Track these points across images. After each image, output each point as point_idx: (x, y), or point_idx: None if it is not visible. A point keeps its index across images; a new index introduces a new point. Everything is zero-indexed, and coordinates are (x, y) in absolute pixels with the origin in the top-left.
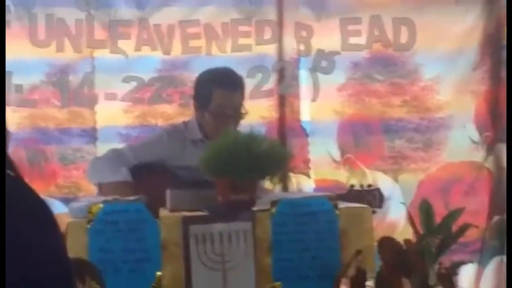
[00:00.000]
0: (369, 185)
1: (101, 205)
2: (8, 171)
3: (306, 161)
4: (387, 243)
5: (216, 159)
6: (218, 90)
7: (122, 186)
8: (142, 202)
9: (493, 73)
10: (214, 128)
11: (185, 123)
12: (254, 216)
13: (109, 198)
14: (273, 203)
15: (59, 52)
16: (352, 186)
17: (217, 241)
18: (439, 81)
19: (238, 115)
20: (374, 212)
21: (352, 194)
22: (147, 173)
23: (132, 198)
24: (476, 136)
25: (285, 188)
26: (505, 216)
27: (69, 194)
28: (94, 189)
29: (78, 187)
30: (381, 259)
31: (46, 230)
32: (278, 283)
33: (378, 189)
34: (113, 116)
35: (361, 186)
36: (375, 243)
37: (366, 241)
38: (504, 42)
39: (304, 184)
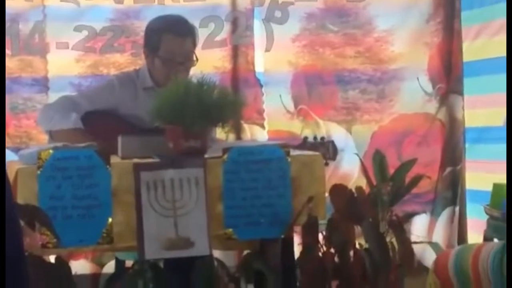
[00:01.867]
0: (322, 138)
1: (51, 151)
2: None
3: (260, 112)
4: (338, 190)
5: (167, 107)
6: (168, 35)
7: (73, 133)
8: (93, 148)
9: (447, 24)
10: (164, 74)
11: (136, 71)
12: (205, 163)
13: (59, 144)
14: (225, 150)
15: (10, 0)
16: (305, 138)
17: (169, 188)
18: (392, 32)
19: (188, 62)
20: (327, 164)
21: (305, 146)
22: (98, 121)
23: (82, 144)
24: (429, 87)
25: (238, 139)
26: (457, 167)
27: (20, 144)
28: (45, 138)
29: (29, 137)
30: (333, 206)
31: None
32: (230, 229)
33: (331, 141)
34: (65, 65)
35: (315, 138)
36: (327, 191)
37: (318, 188)
38: None
39: (258, 135)
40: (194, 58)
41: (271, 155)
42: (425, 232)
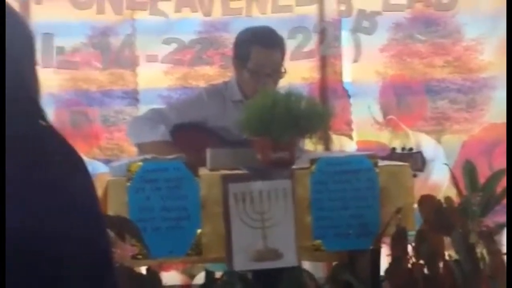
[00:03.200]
0: (411, 148)
1: (141, 163)
2: (40, 121)
3: (348, 123)
4: (427, 201)
5: (255, 118)
6: (257, 47)
7: (161, 145)
8: (181, 160)
9: None
10: (253, 87)
11: (225, 83)
12: (293, 175)
13: (148, 156)
14: (313, 161)
15: (99, 14)
16: (393, 149)
17: (257, 200)
18: (481, 41)
19: (277, 74)
20: (415, 175)
21: (393, 157)
22: (187, 133)
23: (171, 156)
24: None
25: (327, 149)
26: None
27: (112, 156)
28: (136, 150)
29: (120, 149)
30: (421, 216)
31: (79, 179)
32: (318, 241)
33: (420, 152)
34: (154, 78)
35: (403, 149)
36: (415, 201)
37: (406, 199)
38: None
39: (346, 146)
40: (283, 70)
41: (359, 165)
42: None
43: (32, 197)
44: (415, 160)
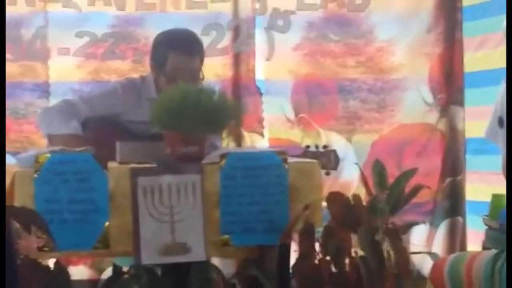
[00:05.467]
0: (325, 146)
1: (49, 155)
2: None
3: (260, 120)
4: (335, 198)
5: (165, 113)
6: (174, 53)
7: (72, 139)
8: (90, 152)
9: (448, 35)
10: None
11: (142, 78)
12: (203, 169)
13: (57, 148)
14: (222, 156)
15: (11, 5)
16: (307, 147)
17: (166, 193)
18: (393, 42)
19: (194, 80)
20: (328, 173)
21: (307, 155)
22: (98, 127)
23: (80, 149)
24: (429, 98)
25: (238, 146)
26: (457, 178)
27: (21, 149)
28: (45, 143)
29: (29, 141)
30: (329, 213)
31: None
32: (226, 236)
33: (333, 151)
34: (66, 71)
35: (317, 147)
36: (324, 199)
37: (315, 196)
38: (459, 4)
39: (258, 143)
40: (201, 76)
41: (268, 161)
42: (425, 242)
43: None
44: (329, 158)
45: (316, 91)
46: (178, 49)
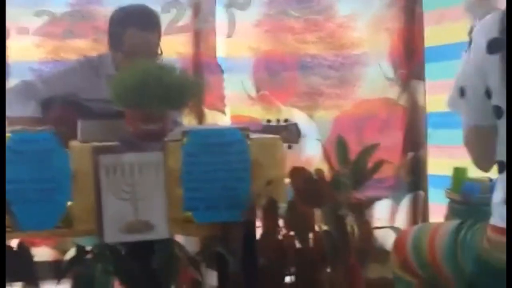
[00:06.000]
0: (286, 120)
1: (9, 135)
2: None
3: (221, 98)
4: (297, 173)
5: (125, 90)
6: (131, 29)
7: (31, 121)
8: (51, 132)
9: (408, 10)
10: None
11: (99, 57)
12: (165, 147)
13: (17, 127)
14: (184, 133)
15: None
16: (268, 121)
17: (128, 172)
18: (354, 17)
19: (152, 55)
20: (290, 147)
21: (268, 129)
22: (58, 106)
23: (40, 128)
24: (390, 72)
25: (200, 124)
26: (419, 153)
27: None
28: None
29: None
30: (292, 188)
31: None
32: (189, 213)
33: (295, 124)
34: (25, 51)
35: (278, 121)
36: (287, 174)
37: (277, 171)
38: None
39: (219, 121)
40: (159, 51)
41: (230, 137)
42: (388, 217)
43: None
44: (290, 132)
45: (277, 67)
46: (134, 25)
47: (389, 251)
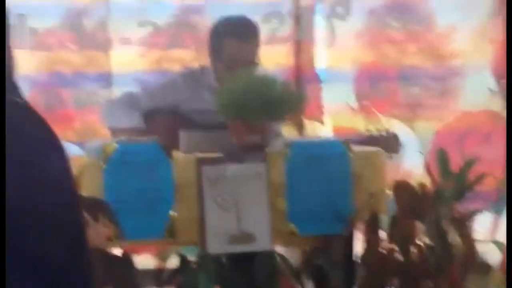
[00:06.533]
0: (386, 130)
1: (116, 145)
2: (16, 99)
3: (320, 108)
4: (401, 187)
5: (229, 101)
6: (230, 39)
7: (134, 132)
8: (156, 142)
9: None
10: (227, 77)
11: (201, 68)
12: (268, 158)
13: (123, 138)
14: (287, 145)
15: None
16: (369, 131)
17: (231, 183)
18: (455, 28)
19: (251, 66)
20: (391, 157)
21: (369, 140)
22: (160, 118)
23: (146, 138)
24: (493, 84)
25: (300, 135)
26: None
27: (85, 138)
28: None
29: (94, 131)
30: (395, 202)
31: (55, 158)
32: (292, 225)
33: (395, 134)
34: (129, 61)
35: (378, 131)
36: (389, 187)
37: (379, 184)
38: None
39: (318, 131)
40: (257, 61)
41: (333, 150)
42: (489, 231)
43: (8, 175)
44: (391, 142)
45: (377, 78)
46: (233, 35)
47: (490, 266)
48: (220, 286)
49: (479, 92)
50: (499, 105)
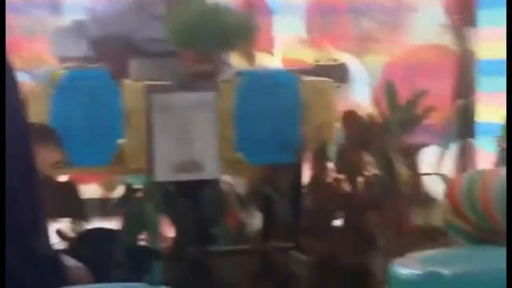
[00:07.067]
0: (335, 60)
1: (64, 72)
2: None
3: (271, 40)
4: (350, 117)
5: (181, 29)
6: None
7: (83, 60)
8: (105, 69)
9: None
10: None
11: None
12: (218, 87)
13: (72, 65)
14: (238, 74)
15: None
16: (317, 61)
17: (180, 111)
18: None
19: None
20: (339, 86)
21: (318, 69)
22: (110, 46)
23: (95, 65)
24: (443, 19)
25: (251, 65)
26: (469, 100)
27: (34, 66)
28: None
29: (42, 60)
30: (343, 132)
31: (9, 86)
32: (240, 153)
33: (343, 64)
34: None
35: (327, 61)
36: (338, 118)
37: (328, 114)
38: None
39: (269, 63)
40: None
41: (283, 80)
42: (435, 164)
43: None
44: (339, 71)
45: (329, 11)
46: None
47: (435, 198)
48: (167, 214)
49: (429, 27)
50: (448, 40)
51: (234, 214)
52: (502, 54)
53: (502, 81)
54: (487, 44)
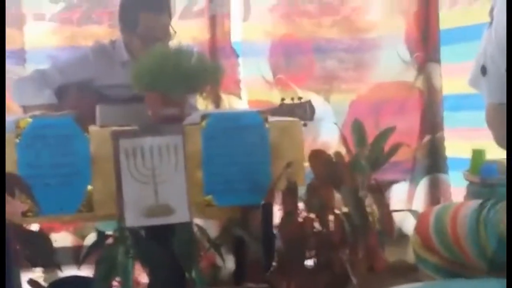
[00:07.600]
0: (300, 98)
1: (30, 120)
2: None
3: (237, 82)
4: (317, 156)
5: (144, 74)
6: (145, 13)
7: (47, 108)
8: (71, 116)
9: None
10: (143, 50)
11: (112, 43)
12: (184, 130)
13: (37, 113)
14: (204, 117)
15: None
16: (283, 99)
17: (148, 155)
18: (369, 1)
19: (166, 37)
20: (305, 125)
21: (283, 108)
22: (73, 94)
23: (60, 113)
24: (407, 56)
25: (217, 108)
26: (436, 135)
27: None
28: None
29: (7, 108)
30: (312, 171)
31: None
32: (209, 196)
33: (309, 101)
34: (42, 37)
35: (292, 99)
36: (306, 158)
37: (297, 154)
38: None
39: (236, 106)
40: (172, 32)
41: (249, 121)
42: (405, 200)
43: None
44: (305, 109)
45: (293, 51)
46: (148, 9)
47: (407, 234)
48: (139, 259)
49: (393, 64)
50: (412, 76)
51: (208, 257)
52: (467, 89)
53: (468, 116)
54: (451, 79)
